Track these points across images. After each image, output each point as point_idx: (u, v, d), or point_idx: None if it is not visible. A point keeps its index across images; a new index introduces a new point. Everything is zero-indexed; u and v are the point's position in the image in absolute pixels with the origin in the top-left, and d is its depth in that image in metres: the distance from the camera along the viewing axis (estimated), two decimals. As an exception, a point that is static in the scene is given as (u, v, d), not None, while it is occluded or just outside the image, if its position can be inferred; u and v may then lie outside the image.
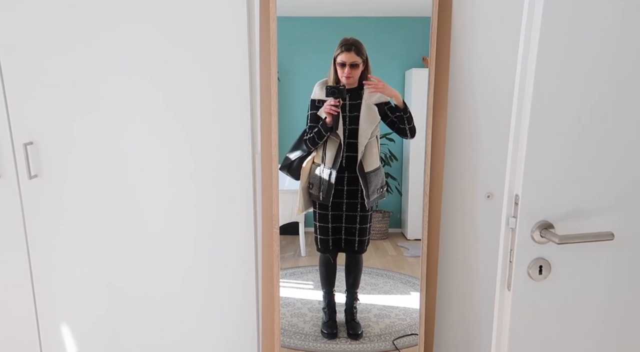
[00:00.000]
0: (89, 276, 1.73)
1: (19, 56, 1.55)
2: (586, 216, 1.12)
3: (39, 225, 1.67)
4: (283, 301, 1.81)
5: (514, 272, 1.14)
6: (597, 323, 1.21)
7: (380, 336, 1.81)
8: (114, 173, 1.65)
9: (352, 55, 1.64)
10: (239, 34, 1.57)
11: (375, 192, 1.73)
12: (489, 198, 1.71)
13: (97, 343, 1.79)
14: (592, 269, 1.16)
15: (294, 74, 1.71)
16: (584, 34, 1.05)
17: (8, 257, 1.69)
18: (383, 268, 1.88)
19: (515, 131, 1.11)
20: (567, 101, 1.08)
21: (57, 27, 1.54)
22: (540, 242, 1.13)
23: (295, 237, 1.88)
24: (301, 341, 1.79)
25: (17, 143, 1.60)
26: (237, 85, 1.60)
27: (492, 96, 1.64)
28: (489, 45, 1.62)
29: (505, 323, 1.17)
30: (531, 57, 1.05)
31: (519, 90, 1.09)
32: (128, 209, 1.67)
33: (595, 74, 1.07)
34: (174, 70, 1.58)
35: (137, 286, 1.74)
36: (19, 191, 1.64)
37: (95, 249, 1.70)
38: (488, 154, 1.68)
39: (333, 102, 1.64)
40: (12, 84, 1.57)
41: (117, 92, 1.59)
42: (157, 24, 1.55)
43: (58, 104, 1.59)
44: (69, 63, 1.56)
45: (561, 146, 1.10)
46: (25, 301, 1.73)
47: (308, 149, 1.71)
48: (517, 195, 1.12)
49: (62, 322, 1.76)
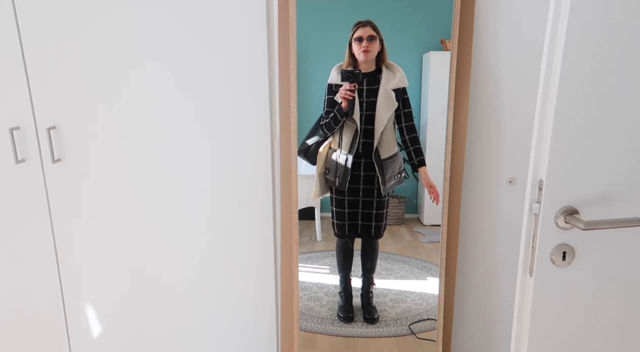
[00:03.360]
0: (112, 258, 1.75)
1: (41, 42, 1.56)
2: (612, 202, 1.10)
3: (62, 208, 1.70)
4: (300, 285, 1.82)
5: (537, 258, 1.12)
6: (621, 311, 1.19)
7: (396, 320, 1.81)
8: (133, 157, 1.66)
9: (369, 29, 1.62)
10: (257, 16, 1.55)
11: (392, 178, 1.72)
12: (510, 183, 1.68)
13: (122, 322, 1.82)
14: (617, 256, 1.14)
15: (311, 57, 1.69)
16: (611, 16, 1.01)
17: (33, 240, 1.73)
18: (399, 253, 1.87)
19: (541, 114, 1.08)
20: (595, 83, 1.05)
21: (79, 13, 1.54)
22: (564, 228, 1.11)
23: (311, 222, 1.88)
24: (318, 324, 1.80)
25: (41, 128, 1.62)
26: (256, 70, 1.59)
27: (516, 78, 1.60)
28: (514, 24, 1.56)
29: (527, 309, 1.16)
30: (560, 36, 1.02)
31: (546, 72, 1.06)
32: (148, 192, 1.69)
33: (625, 56, 1.04)
34: (191, 56, 1.57)
35: (159, 268, 1.76)
36: (43, 174, 1.66)
37: (116, 231, 1.73)
38: (511, 139, 1.65)
39: (348, 87, 1.62)
40: (35, 69, 1.58)
41: (136, 79, 1.59)
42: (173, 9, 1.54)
43: (80, 90, 1.60)
44: (90, 49, 1.57)
45: (587, 130, 1.07)
46: (51, 283, 1.77)
47: (324, 134, 1.69)
48: (541, 180, 1.10)
49: (87, 303, 1.80)
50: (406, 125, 1.70)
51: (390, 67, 1.66)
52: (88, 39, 1.56)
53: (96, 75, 1.59)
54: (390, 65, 1.66)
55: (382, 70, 1.65)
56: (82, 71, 1.59)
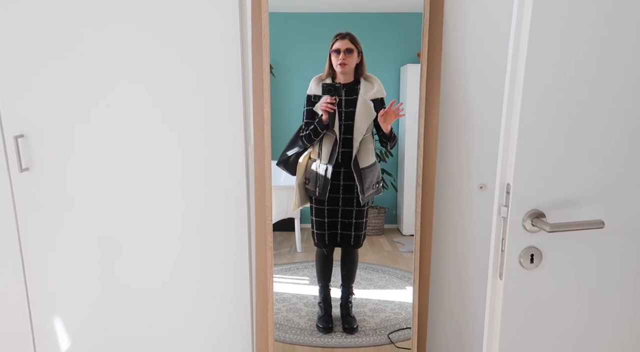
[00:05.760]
0: (82, 268, 1.73)
1: (9, 49, 1.56)
2: (577, 205, 1.13)
3: (30, 218, 1.68)
4: (279, 296, 1.81)
5: (506, 261, 1.14)
6: (588, 311, 1.21)
7: (375, 330, 1.81)
8: (104, 166, 1.65)
9: (347, 42, 1.65)
10: (231, 27, 1.57)
11: (371, 187, 1.74)
12: (481, 189, 1.71)
13: (90, 335, 1.79)
14: (583, 257, 1.16)
15: (290, 70, 1.72)
16: (572, 25, 1.05)
17: (0, 249, 1.69)
18: (379, 263, 1.88)
19: (507, 121, 1.12)
20: (557, 90, 1.08)
21: (49, 21, 1.55)
22: (531, 231, 1.13)
23: (291, 234, 1.88)
24: (297, 335, 1.79)
25: (8, 136, 1.61)
26: (229, 79, 1.61)
27: (484, 89, 1.65)
28: (481, 38, 1.63)
29: (497, 312, 1.18)
30: (522, 49, 1.06)
31: (510, 81, 1.10)
32: (119, 201, 1.68)
33: (585, 64, 1.08)
34: (165, 63, 1.59)
35: (130, 278, 1.74)
36: (10, 183, 1.64)
37: (86, 241, 1.70)
38: (481, 146, 1.69)
39: (330, 100, 1.64)
40: (2, 76, 1.57)
41: (109, 89, 1.60)
42: (146, 20, 1.56)
43: (49, 97, 1.60)
44: (61, 57, 1.57)
45: (552, 136, 1.10)
46: (17, 294, 1.73)
47: (304, 145, 1.71)
48: (508, 184, 1.12)
49: (55, 314, 1.77)
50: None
51: (368, 79, 1.70)
52: (62, 49, 1.56)
53: (69, 85, 1.59)
54: (369, 77, 1.70)
55: (361, 81, 1.68)
56: (52, 78, 1.58)
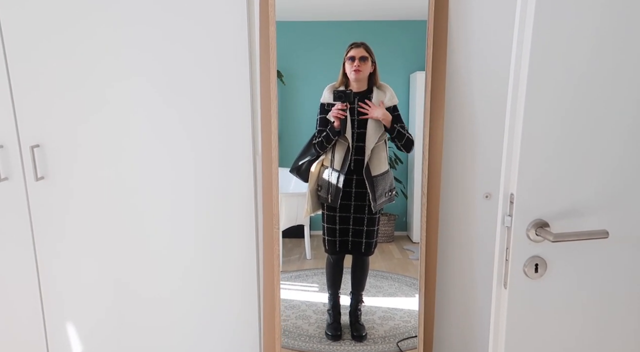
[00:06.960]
0: (94, 275, 1.76)
1: (25, 60, 1.60)
2: (581, 215, 1.12)
3: (45, 226, 1.72)
4: (288, 303, 1.82)
5: (510, 270, 1.14)
6: (593, 320, 1.20)
7: (384, 338, 1.80)
8: (117, 175, 1.69)
9: (362, 50, 1.67)
10: (239, 37, 1.60)
11: (383, 195, 1.74)
12: (487, 198, 1.71)
13: (102, 341, 1.82)
14: (587, 267, 1.15)
15: (300, 77, 1.74)
16: (576, 34, 1.05)
17: (15, 257, 1.74)
18: (388, 271, 1.88)
19: (510, 130, 1.12)
20: (560, 100, 1.08)
21: (62, 31, 1.59)
22: (535, 240, 1.12)
23: (301, 241, 1.89)
24: (305, 342, 1.80)
25: (24, 146, 1.65)
26: (238, 88, 1.64)
27: (489, 97, 1.65)
28: (486, 47, 1.63)
29: (502, 321, 1.17)
30: (524, 58, 1.06)
31: (513, 91, 1.10)
32: (131, 209, 1.71)
33: (588, 73, 1.08)
34: (176, 74, 1.62)
35: (141, 285, 1.78)
36: (26, 192, 1.68)
37: (99, 249, 1.74)
38: (486, 155, 1.69)
39: (340, 106, 1.66)
40: (19, 87, 1.61)
41: (119, 96, 1.63)
42: (159, 27, 1.59)
43: (63, 107, 1.64)
44: (74, 66, 1.61)
45: (555, 145, 1.10)
46: (32, 301, 1.77)
47: (317, 152, 1.73)
48: (512, 194, 1.12)
49: (68, 321, 1.80)
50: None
51: (380, 87, 1.71)
52: (72, 56, 1.60)
53: (81, 93, 1.62)
54: (381, 85, 1.71)
55: (373, 90, 1.70)
56: (66, 89, 1.62)
